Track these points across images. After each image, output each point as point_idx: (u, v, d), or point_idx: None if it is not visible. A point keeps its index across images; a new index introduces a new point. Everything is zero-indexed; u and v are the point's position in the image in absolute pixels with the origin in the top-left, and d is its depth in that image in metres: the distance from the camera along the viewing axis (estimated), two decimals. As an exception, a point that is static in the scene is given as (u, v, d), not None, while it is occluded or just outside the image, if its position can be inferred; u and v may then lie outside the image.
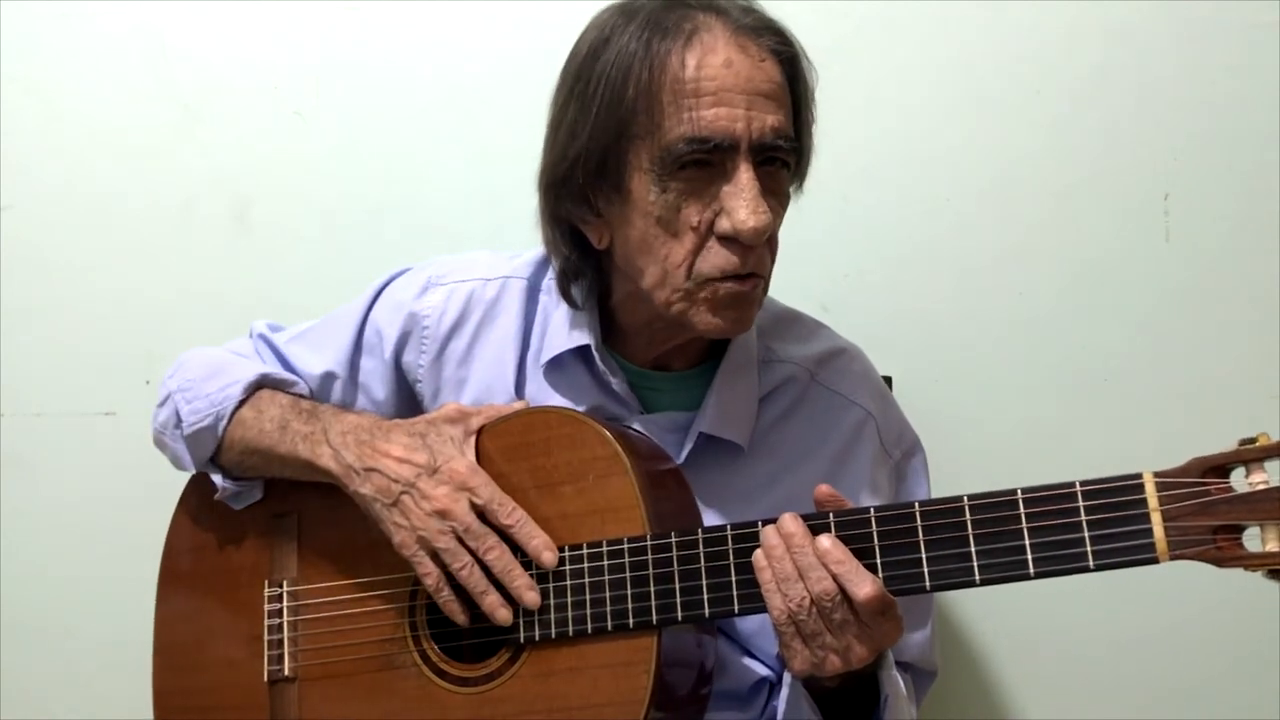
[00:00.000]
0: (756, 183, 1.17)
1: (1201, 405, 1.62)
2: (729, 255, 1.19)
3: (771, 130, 1.18)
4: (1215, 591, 1.60)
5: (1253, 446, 1.00)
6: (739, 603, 1.14)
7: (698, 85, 1.17)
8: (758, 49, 1.19)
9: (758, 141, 1.17)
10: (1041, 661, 1.68)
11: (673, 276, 1.21)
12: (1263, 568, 0.98)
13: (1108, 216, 1.65)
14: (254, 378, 1.37)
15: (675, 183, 1.18)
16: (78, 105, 1.74)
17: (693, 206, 1.19)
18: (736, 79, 1.17)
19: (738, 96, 1.17)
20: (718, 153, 1.17)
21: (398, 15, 1.73)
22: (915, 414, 1.42)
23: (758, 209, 1.17)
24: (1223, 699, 1.63)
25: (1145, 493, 1.01)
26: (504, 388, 1.34)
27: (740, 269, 1.19)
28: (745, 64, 1.17)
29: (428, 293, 1.39)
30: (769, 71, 1.19)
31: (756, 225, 1.16)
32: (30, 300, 1.75)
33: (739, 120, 1.16)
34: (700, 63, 1.17)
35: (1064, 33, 1.64)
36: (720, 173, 1.18)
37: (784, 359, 1.34)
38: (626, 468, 1.19)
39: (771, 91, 1.19)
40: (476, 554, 1.21)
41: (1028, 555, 1.04)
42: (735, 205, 1.17)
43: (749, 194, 1.17)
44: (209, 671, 1.37)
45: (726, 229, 1.18)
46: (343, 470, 1.26)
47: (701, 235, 1.19)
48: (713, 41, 1.18)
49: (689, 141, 1.16)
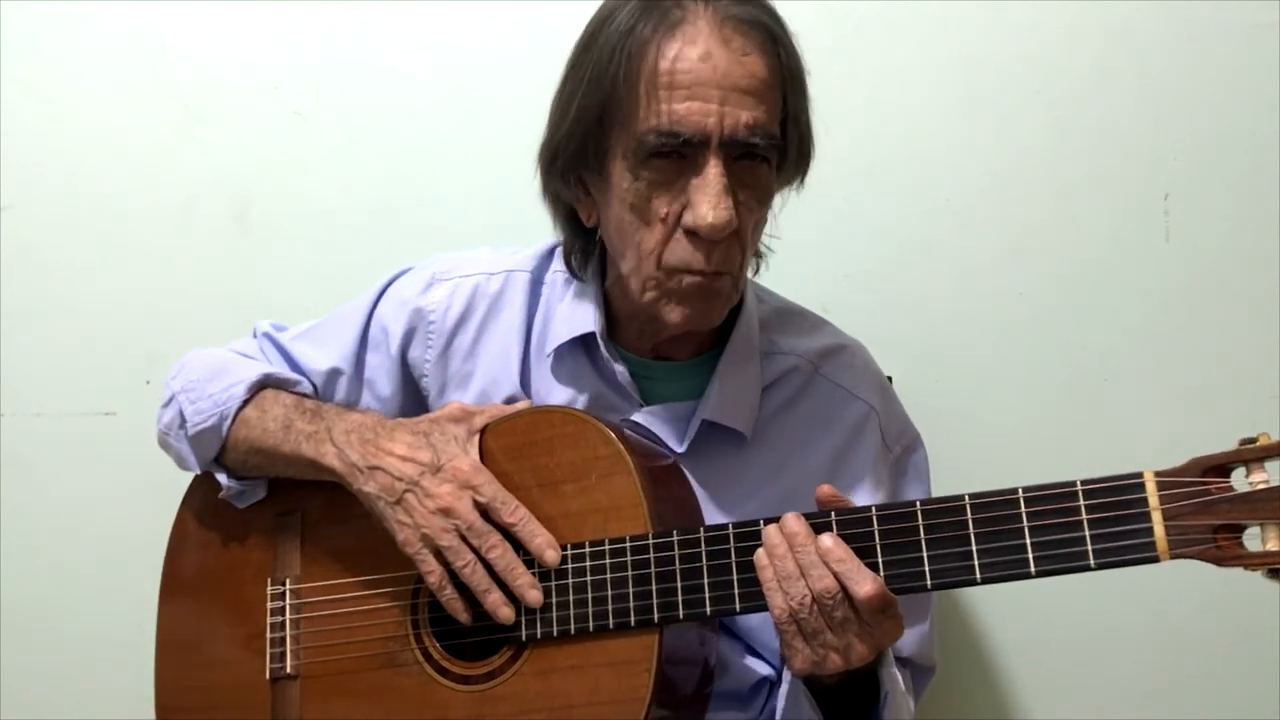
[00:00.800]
0: (724, 179, 1.17)
1: (1201, 405, 1.62)
2: (694, 250, 1.19)
3: (746, 126, 1.17)
4: (1216, 591, 1.61)
5: (1253, 446, 1.00)
6: (740, 601, 1.14)
7: (672, 78, 1.16)
8: (743, 42, 1.18)
9: (730, 137, 1.17)
10: (1041, 660, 1.68)
11: (645, 264, 1.22)
12: (1263, 567, 0.98)
13: (1108, 216, 1.65)
14: (257, 377, 1.37)
15: (646, 171, 1.19)
16: (78, 105, 1.74)
17: (662, 197, 1.19)
18: (713, 73, 1.16)
19: (712, 91, 1.16)
20: (689, 146, 1.17)
21: (398, 15, 1.73)
22: (916, 413, 1.42)
23: (719, 205, 1.16)
24: (1223, 699, 1.63)
25: (1146, 492, 1.01)
26: (509, 380, 1.35)
27: (705, 266, 1.20)
28: (725, 58, 1.16)
29: (432, 288, 1.39)
30: (750, 66, 1.18)
31: (715, 221, 1.16)
32: (30, 300, 1.75)
33: (711, 115, 1.16)
34: (679, 54, 1.16)
35: (1064, 33, 1.64)
36: (691, 165, 1.18)
37: (786, 351, 1.34)
38: (629, 467, 1.19)
39: (751, 87, 1.17)
40: (479, 552, 1.21)
41: (1029, 554, 1.04)
42: (699, 200, 1.17)
43: (713, 190, 1.16)
44: (212, 669, 1.37)
45: (689, 223, 1.18)
46: (346, 469, 1.26)
47: (669, 227, 1.20)
48: (695, 33, 1.17)
49: (659, 134, 1.17)
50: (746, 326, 1.33)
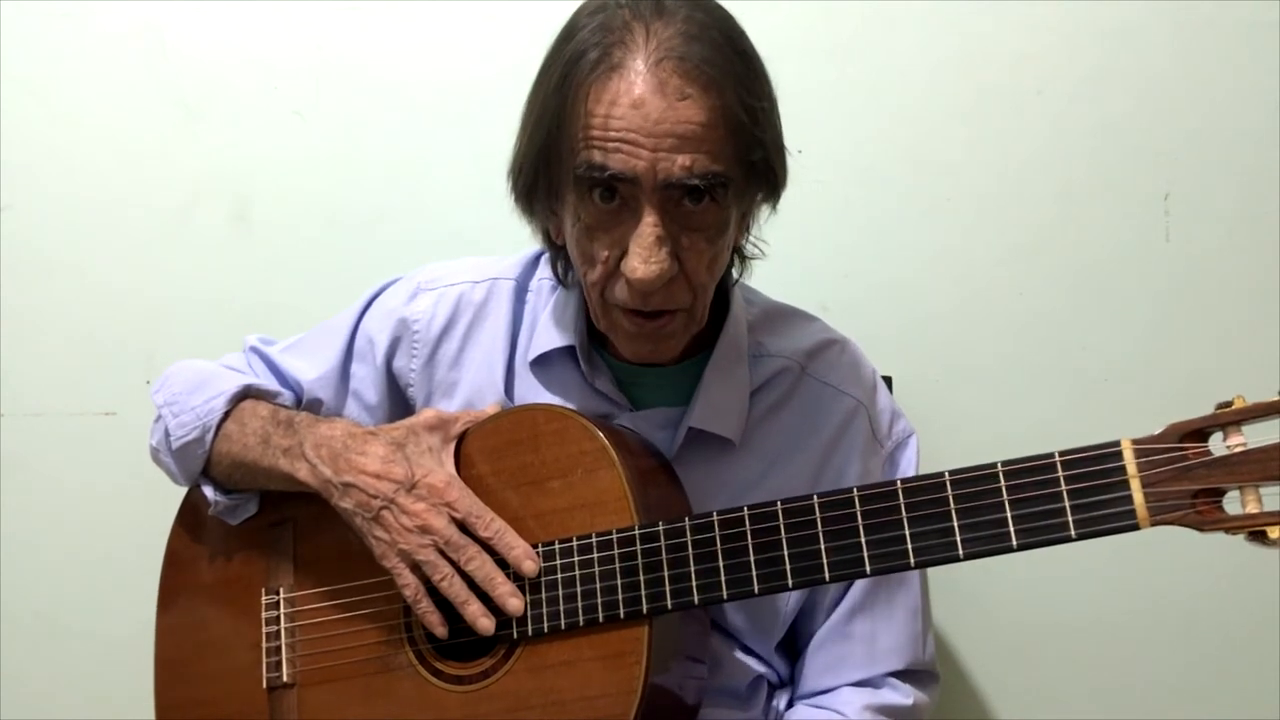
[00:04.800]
0: (658, 229, 1.14)
1: (1201, 405, 1.60)
2: (631, 293, 1.18)
3: (682, 169, 1.12)
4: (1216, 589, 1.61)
5: (1229, 410, 1.00)
6: (728, 589, 1.13)
7: (605, 122, 1.13)
8: (680, 84, 1.12)
9: (664, 182, 1.13)
10: (1040, 659, 1.67)
11: (593, 294, 1.22)
12: (1243, 530, 0.98)
13: (1108, 216, 1.64)
14: (237, 389, 1.36)
15: (585, 214, 1.17)
16: (78, 105, 1.74)
17: (602, 240, 1.18)
18: (644, 121, 1.12)
19: (644, 139, 1.12)
20: (624, 184, 1.14)
21: (398, 15, 1.73)
22: (915, 414, 1.41)
23: (650, 259, 1.14)
24: (1223, 698, 1.63)
25: (1124, 460, 1.01)
26: (493, 389, 1.35)
27: (643, 306, 1.19)
28: (658, 105, 1.11)
29: (417, 298, 1.39)
30: (685, 111, 1.12)
31: (645, 276, 1.14)
32: (30, 300, 1.75)
33: (641, 161, 1.12)
34: (613, 100, 1.12)
35: (1064, 33, 1.64)
36: (630, 211, 1.16)
37: (774, 353, 1.34)
38: (614, 461, 1.19)
39: (688, 132, 1.12)
40: (458, 565, 1.20)
41: (1010, 527, 1.04)
42: (632, 252, 1.15)
43: (645, 242, 1.14)
44: (210, 682, 1.37)
45: (624, 271, 1.17)
46: (321, 485, 1.26)
47: (610, 268, 1.19)
48: (632, 75, 1.12)
49: (590, 167, 1.14)
50: (734, 331, 1.32)
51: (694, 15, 1.15)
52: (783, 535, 1.12)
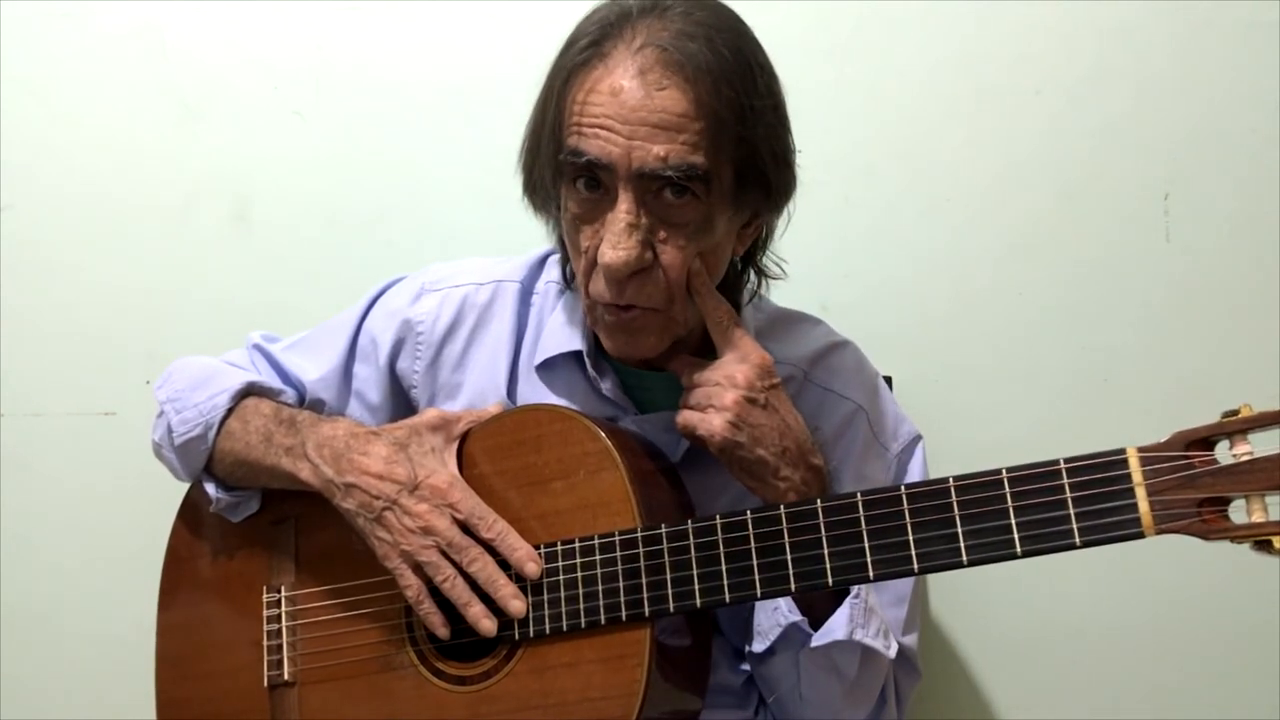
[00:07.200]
0: (629, 216, 1.15)
1: (1201, 405, 1.60)
2: (605, 284, 1.19)
3: (657, 159, 1.13)
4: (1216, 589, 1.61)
5: (1235, 418, 1.00)
6: (730, 592, 1.13)
7: (584, 108, 1.14)
8: (659, 75, 1.13)
9: (638, 170, 1.13)
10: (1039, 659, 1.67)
11: (581, 290, 1.23)
12: (1248, 539, 0.98)
13: (1108, 216, 1.64)
14: (240, 386, 1.36)
15: (572, 203, 1.19)
16: (78, 105, 1.74)
17: (585, 230, 1.19)
18: (620, 108, 1.13)
19: (619, 125, 1.13)
20: (605, 172, 1.15)
21: (398, 15, 1.73)
22: (915, 414, 1.41)
23: (618, 244, 1.15)
24: (1224, 698, 1.63)
25: (1129, 468, 1.01)
26: (496, 392, 1.34)
27: (615, 299, 1.19)
28: (636, 93, 1.13)
29: (421, 299, 1.39)
30: (663, 101, 1.13)
31: (612, 261, 1.15)
32: (30, 300, 1.75)
33: (616, 148, 1.13)
34: (594, 87, 1.14)
35: (1062, 32, 1.64)
36: (610, 200, 1.16)
37: (781, 360, 1.33)
38: (617, 462, 1.19)
39: (665, 121, 1.13)
40: (460, 566, 1.20)
41: (1014, 534, 1.04)
42: (604, 236, 1.16)
43: (615, 228, 1.15)
44: (211, 680, 1.37)
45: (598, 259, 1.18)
46: (323, 485, 1.26)
47: (591, 259, 1.19)
48: (614, 64, 1.14)
49: (570, 152, 1.15)
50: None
51: (694, 14, 1.16)
52: (786, 539, 1.12)
